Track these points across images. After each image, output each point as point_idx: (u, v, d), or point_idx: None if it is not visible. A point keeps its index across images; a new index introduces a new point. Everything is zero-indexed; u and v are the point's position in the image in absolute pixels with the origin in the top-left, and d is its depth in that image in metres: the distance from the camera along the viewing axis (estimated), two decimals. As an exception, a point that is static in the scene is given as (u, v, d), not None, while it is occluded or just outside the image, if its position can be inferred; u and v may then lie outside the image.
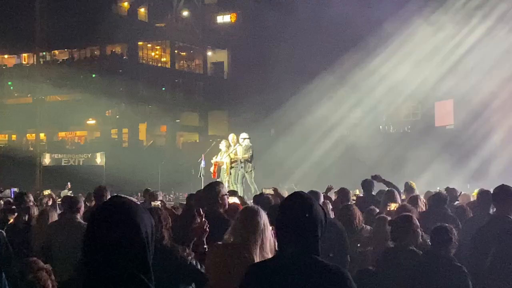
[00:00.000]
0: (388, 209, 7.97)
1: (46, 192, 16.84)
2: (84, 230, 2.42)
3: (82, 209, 7.88)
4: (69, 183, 18.10)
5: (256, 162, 19.64)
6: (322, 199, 7.71)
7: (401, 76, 35.34)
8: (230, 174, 17.11)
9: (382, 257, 6.07)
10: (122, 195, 2.63)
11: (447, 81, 34.19)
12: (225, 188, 7.00)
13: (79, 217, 7.70)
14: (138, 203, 2.62)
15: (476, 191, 14.60)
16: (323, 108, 36.96)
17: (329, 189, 11.58)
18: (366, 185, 10.43)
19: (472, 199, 11.01)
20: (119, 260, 2.28)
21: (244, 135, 17.56)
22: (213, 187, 6.74)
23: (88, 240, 2.35)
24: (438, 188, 14.17)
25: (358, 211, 8.09)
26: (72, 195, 11.74)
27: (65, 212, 8.10)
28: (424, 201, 9.25)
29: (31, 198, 10.06)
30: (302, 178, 30.00)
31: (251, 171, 17.24)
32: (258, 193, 14.52)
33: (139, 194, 20.08)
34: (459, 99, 34.74)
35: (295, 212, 3.35)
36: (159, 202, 9.06)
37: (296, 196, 3.50)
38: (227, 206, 6.77)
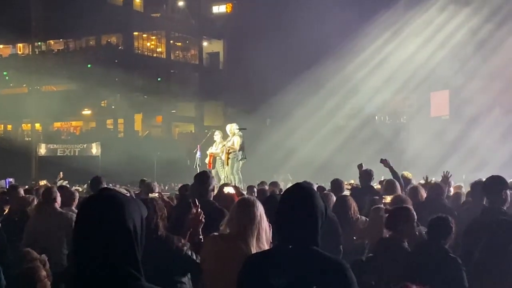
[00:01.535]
0: (383, 201, 7.96)
1: (42, 182, 16.80)
2: (64, 219, 2.42)
3: (58, 198, 7.88)
4: (61, 173, 17.99)
5: (252, 152, 19.60)
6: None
7: (397, 66, 35.39)
8: (228, 165, 17.06)
9: (376, 247, 6.07)
10: (111, 187, 2.63)
11: (442, 71, 34.24)
12: (214, 178, 7.00)
13: (57, 206, 7.74)
14: (128, 195, 2.61)
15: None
16: (319, 99, 37.00)
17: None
18: (365, 175, 10.38)
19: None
20: (106, 253, 2.27)
21: (236, 126, 17.52)
22: (203, 178, 6.73)
23: (77, 232, 2.34)
24: (433, 179, 14.17)
25: (353, 202, 8.07)
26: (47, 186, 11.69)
27: (43, 202, 8.09)
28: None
29: (22, 192, 10.05)
30: (298, 168, 30.03)
31: (239, 160, 17.19)
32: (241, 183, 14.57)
33: (135, 184, 20.03)
34: (454, 90, 34.81)
35: (296, 204, 3.34)
36: (157, 194, 9.03)
37: (298, 187, 3.48)
38: (215, 194, 6.76)
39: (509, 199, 6.40)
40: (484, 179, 7.14)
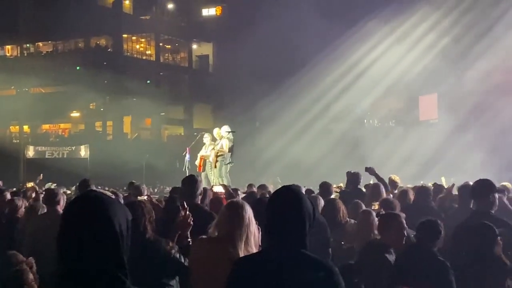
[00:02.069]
0: (372, 208, 7.96)
1: (30, 184, 16.73)
2: None
3: (62, 201, 7.84)
4: (41, 175, 17.91)
5: (242, 155, 19.56)
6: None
7: (386, 69, 35.51)
8: (216, 167, 17.08)
9: (364, 250, 6.08)
10: (96, 189, 2.62)
11: (431, 75, 34.39)
12: (201, 181, 6.99)
13: (59, 209, 7.68)
14: (115, 197, 2.60)
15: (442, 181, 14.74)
16: (308, 102, 37.07)
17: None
18: (353, 178, 10.39)
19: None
20: (92, 255, 2.26)
21: (227, 128, 17.53)
22: (191, 181, 6.72)
23: (62, 234, 2.33)
24: (422, 182, 14.25)
25: (342, 205, 8.06)
26: (49, 188, 11.67)
27: (45, 205, 8.06)
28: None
29: (8, 195, 10.02)
30: (287, 171, 30.01)
31: (226, 164, 17.23)
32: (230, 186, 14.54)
33: (125, 187, 19.98)
34: (443, 93, 34.95)
35: (285, 206, 3.34)
36: (146, 196, 9.01)
37: (286, 190, 3.49)
38: (208, 198, 6.76)
39: (497, 202, 6.44)
40: (471, 183, 7.19)
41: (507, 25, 31.32)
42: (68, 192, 14.83)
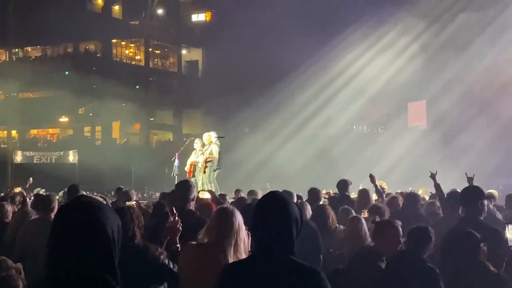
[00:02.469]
0: (362, 215, 7.98)
1: (17, 189, 16.63)
2: None
3: (56, 208, 7.79)
4: (30, 178, 17.82)
5: (230, 161, 19.55)
6: (295, 200, 7.70)
7: (375, 75, 35.62)
8: (205, 173, 17.07)
9: (356, 257, 6.08)
10: (87, 194, 2.61)
11: (420, 81, 34.53)
12: (195, 187, 6.99)
13: (53, 215, 7.63)
14: (104, 202, 2.60)
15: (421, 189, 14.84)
16: (297, 108, 37.09)
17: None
18: (342, 184, 10.41)
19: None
20: (83, 261, 2.24)
21: (214, 134, 17.55)
22: (185, 186, 6.71)
23: (52, 240, 2.31)
24: (410, 188, 14.30)
25: (332, 211, 8.07)
26: (46, 194, 11.60)
27: (37, 211, 8.01)
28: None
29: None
30: (276, 177, 30.00)
31: (215, 170, 17.24)
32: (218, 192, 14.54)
33: (112, 192, 19.91)
34: (431, 100, 35.09)
35: (271, 212, 3.34)
36: (134, 202, 8.98)
37: (273, 195, 3.48)
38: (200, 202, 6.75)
39: (486, 209, 6.46)
40: (459, 190, 7.22)
41: (491, 36, 31.58)
42: (56, 197, 14.75)
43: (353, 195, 10.79)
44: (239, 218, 4.58)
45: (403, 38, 35.46)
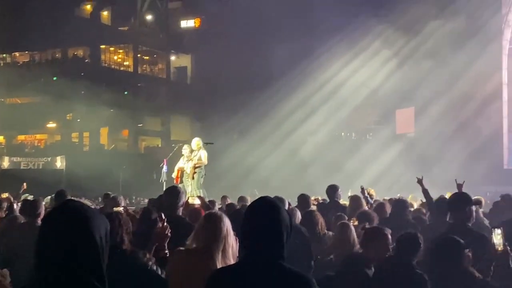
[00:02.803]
0: (352, 223, 7.99)
1: (4, 195, 16.54)
2: None
3: (42, 213, 7.76)
4: (24, 184, 17.75)
5: (219, 167, 19.51)
6: (287, 206, 7.70)
7: (364, 82, 35.73)
8: (193, 179, 17.04)
9: (344, 263, 6.08)
10: (75, 199, 2.58)
11: (408, 89, 34.66)
12: (184, 193, 6.96)
13: (39, 221, 7.59)
14: (93, 207, 2.58)
15: (410, 196, 14.91)
16: (285, 114, 37.11)
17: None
18: (331, 190, 10.41)
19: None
20: (71, 266, 2.22)
21: (200, 140, 17.58)
22: (174, 192, 6.69)
23: (40, 245, 2.29)
24: (398, 195, 14.31)
25: (321, 217, 8.07)
26: (33, 199, 11.55)
27: (26, 216, 7.98)
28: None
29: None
30: (265, 184, 30.01)
31: (202, 176, 17.27)
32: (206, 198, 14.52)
33: (100, 198, 19.84)
34: (420, 107, 35.21)
35: (261, 217, 3.32)
36: (122, 208, 8.94)
37: (263, 201, 3.47)
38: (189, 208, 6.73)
39: (474, 215, 6.48)
40: (447, 196, 7.24)
41: (480, 44, 31.79)
42: (43, 202, 14.68)
43: (342, 201, 10.79)
44: (227, 223, 4.57)
45: (391, 46, 35.60)
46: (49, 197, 14.20)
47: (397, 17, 33.70)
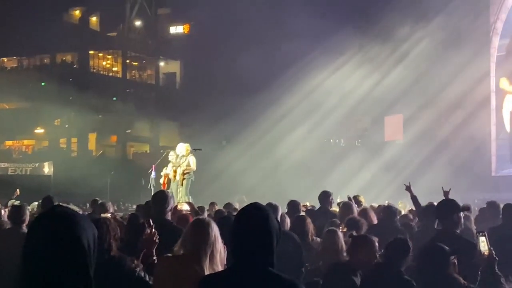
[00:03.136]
0: (341, 230, 7.98)
1: (-8, 201, 16.46)
2: None
3: (27, 220, 7.71)
4: (18, 190, 17.72)
5: (208, 173, 19.45)
6: (280, 213, 7.69)
7: (353, 89, 35.81)
8: (182, 185, 17.01)
9: (331, 271, 6.07)
10: (63, 204, 2.56)
11: (397, 96, 34.75)
12: (173, 198, 6.94)
13: (24, 227, 7.54)
14: (81, 213, 2.56)
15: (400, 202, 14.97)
16: (274, 121, 37.12)
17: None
18: (323, 196, 10.39)
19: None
20: (58, 273, 2.20)
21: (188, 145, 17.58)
22: (161, 197, 6.67)
23: (26, 251, 2.26)
24: (387, 201, 14.35)
25: (311, 224, 8.07)
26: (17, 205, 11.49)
27: (10, 223, 7.94)
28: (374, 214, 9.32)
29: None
30: (253, 190, 29.99)
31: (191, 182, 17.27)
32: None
33: (87, 205, 19.77)
34: (408, 114, 35.32)
35: (251, 223, 3.31)
36: (110, 214, 8.92)
37: (252, 207, 3.46)
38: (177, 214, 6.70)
39: (462, 222, 6.50)
40: (435, 203, 7.25)
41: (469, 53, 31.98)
42: (28, 208, 14.61)
43: (333, 208, 10.78)
44: (215, 229, 4.56)
45: (379, 53, 35.72)
46: (35, 203, 14.15)
47: (385, 25, 33.84)
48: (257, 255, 3.24)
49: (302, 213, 10.07)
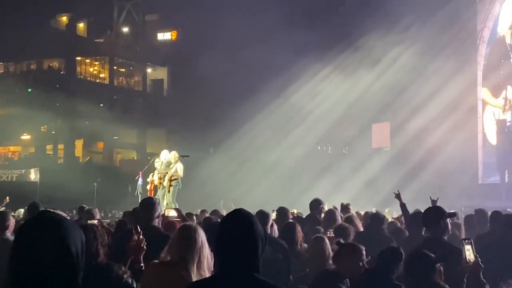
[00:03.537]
0: (328, 234, 7.97)
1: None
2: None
3: (11, 226, 7.64)
4: (7, 197, 17.68)
5: (195, 180, 19.42)
6: (271, 220, 7.67)
7: (340, 97, 35.90)
8: (169, 192, 16.99)
9: (318, 279, 6.06)
10: (51, 210, 2.54)
11: (384, 103, 34.88)
12: (160, 204, 6.91)
13: (8, 233, 7.47)
14: (68, 218, 2.54)
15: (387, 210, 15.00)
16: (262, 128, 37.17)
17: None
18: (313, 204, 10.39)
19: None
20: (46, 278, 2.18)
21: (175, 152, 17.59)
22: (149, 203, 6.65)
23: (14, 258, 2.24)
24: (374, 209, 14.38)
25: (300, 231, 8.06)
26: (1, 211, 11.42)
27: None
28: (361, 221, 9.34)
29: None
30: (240, 197, 29.98)
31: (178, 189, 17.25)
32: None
33: (74, 211, 19.69)
34: (395, 122, 35.45)
35: (235, 229, 3.30)
36: (96, 221, 8.87)
37: (237, 213, 3.45)
38: (164, 221, 6.68)
39: (449, 228, 6.52)
40: (422, 210, 7.27)
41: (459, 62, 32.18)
42: (12, 214, 14.53)
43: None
44: (202, 235, 4.54)
45: (368, 61, 35.86)
46: (22, 209, 14.07)
47: (373, 34, 33.99)
48: (242, 261, 3.23)
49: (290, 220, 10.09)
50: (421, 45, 33.70)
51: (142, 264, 5.05)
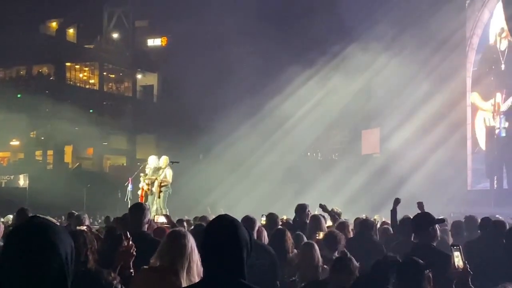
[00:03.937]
0: (316, 237, 7.98)
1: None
2: None
3: (1, 231, 7.62)
4: None
5: (184, 186, 19.36)
6: (257, 226, 7.66)
7: (330, 103, 35.95)
8: (160, 198, 16.96)
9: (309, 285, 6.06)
10: (40, 215, 2.53)
11: (374, 110, 34.98)
12: (149, 210, 6.90)
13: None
14: (58, 223, 2.54)
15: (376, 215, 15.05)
16: (252, 134, 37.17)
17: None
18: (299, 209, 10.38)
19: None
20: (36, 284, 2.18)
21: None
22: (138, 209, 6.64)
23: (3, 263, 2.23)
24: (364, 215, 14.40)
25: (290, 238, 8.06)
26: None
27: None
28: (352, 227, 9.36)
29: None
30: (230, 203, 29.97)
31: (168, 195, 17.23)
32: None
33: (63, 217, 19.62)
34: (385, 128, 35.54)
35: (220, 235, 3.31)
36: (85, 226, 8.84)
37: (221, 218, 3.46)
38: (154, 226, 6.68)
39: (438, 234, 6.54)
40: (411, 216, 7.30)
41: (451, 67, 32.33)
42: (4, 221, 14.47)
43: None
44: (191, 241, 4.55)
45: (358, 67, 35.95)
46: (10, 215, 14.00)
47: (362, 40, 34.11)
48: (227, 266, 3.23)
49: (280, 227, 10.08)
50: (410, 52, 33.83)
51: (131, 270, 5.04)
